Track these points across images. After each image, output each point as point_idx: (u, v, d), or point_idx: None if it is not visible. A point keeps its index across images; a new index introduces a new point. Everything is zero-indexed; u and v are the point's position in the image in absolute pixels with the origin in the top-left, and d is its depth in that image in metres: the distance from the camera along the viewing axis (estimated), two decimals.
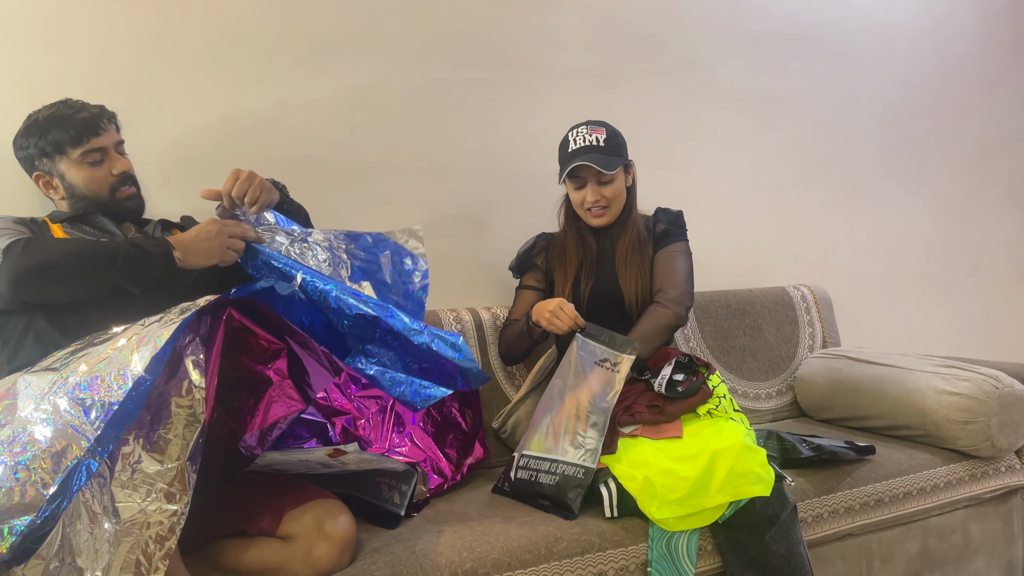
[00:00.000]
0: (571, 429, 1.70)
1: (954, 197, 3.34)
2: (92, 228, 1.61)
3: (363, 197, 2.23)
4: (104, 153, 1.61)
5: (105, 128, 1.62)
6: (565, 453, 1.68)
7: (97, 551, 1.04)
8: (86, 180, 1.60)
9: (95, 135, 1.60)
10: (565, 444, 1.69)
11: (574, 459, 1.66)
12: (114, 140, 1.64)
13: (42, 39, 1.86)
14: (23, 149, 1.62)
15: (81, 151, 1.58)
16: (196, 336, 1.13)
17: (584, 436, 1.68)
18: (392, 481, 1.60)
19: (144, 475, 1.07)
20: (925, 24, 3.25)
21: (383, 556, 1.40)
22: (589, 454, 1.65)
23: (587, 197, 1.97)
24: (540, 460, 1.71)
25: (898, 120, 3.19)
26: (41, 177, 1.62)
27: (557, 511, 1.61)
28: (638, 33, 2.62)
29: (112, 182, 1.62)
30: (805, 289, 2.69)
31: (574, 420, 1.71)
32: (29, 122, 1.61)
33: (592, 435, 1.67)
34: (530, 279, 2.10)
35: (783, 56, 2.91)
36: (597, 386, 1.73)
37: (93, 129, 1.59)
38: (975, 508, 1.98)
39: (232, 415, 1.29)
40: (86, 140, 1.59)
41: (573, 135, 1.98)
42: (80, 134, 1.58)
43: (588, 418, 1.69)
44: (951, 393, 2.00)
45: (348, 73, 2.20)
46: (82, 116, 1.59)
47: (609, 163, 1.92)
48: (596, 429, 1.68)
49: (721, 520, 1.55)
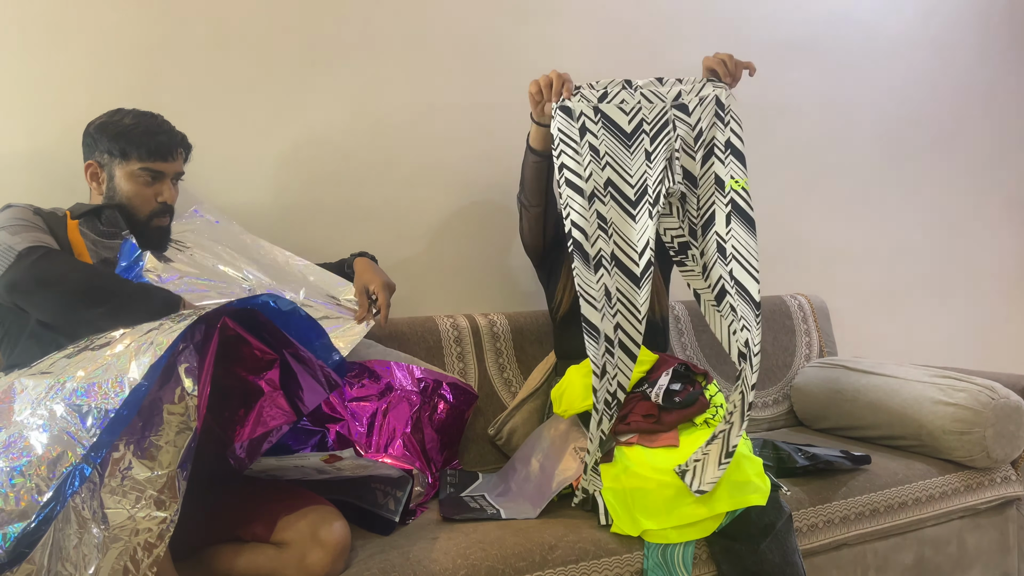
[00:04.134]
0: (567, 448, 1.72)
1: (952, 207, 3.35)
2: (103, 224, 1.62)
3: (361, 202, 2.23)
4: (159, 178, 1.65)
5: (174, 157, 1.67)
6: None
7: (85, 557, 1.04)
8: (132, 194, 1.63)
9: (163, 160, 1.64)
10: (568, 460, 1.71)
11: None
12: (175, 170, 1.68)
13: (42, 41, 1.87)
14: (93, 138, 1.64)
15: (142, 166, 1.62)
16: (190, 343, 1.13)
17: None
18: (387, 487, 1.60)
19: (134, 481, 1.07)
20: (923, 35, 3.26)
21: (377, 563, 1.39)
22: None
23: None
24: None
25: (896, 130, 3.20)
26: (92, 167, 1.65)
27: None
28: (636, 41, 2.63)
29: (154, 208, 1.65)
30: (802, 298, 2.69)
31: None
32: (113, 119, 1.64)
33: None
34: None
35: (782, 66, 2.92)
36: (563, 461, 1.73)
37: (164, 153, 1.64)
38: (971, 519, 1.98)
39: (222, 424, 1.28)
40: (153, 159, 1.63)
41: None
42: (151, 152, 1.62)
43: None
44: (947, 404, 2.00)
45: (346, 79, 2.21)
46: (161, 139, 1.64)
47: None
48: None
49: (717, 529, 1.55)
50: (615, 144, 1.54)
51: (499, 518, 1.63)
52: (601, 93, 1.58)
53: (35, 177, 1.85)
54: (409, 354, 2.01)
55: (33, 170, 1.85)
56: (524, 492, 1.75)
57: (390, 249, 2.26)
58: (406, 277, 2.28)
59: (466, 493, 1.79)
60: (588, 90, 1.58)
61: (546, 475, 1.73)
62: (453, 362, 2.10)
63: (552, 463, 1.75)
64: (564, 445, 1.77)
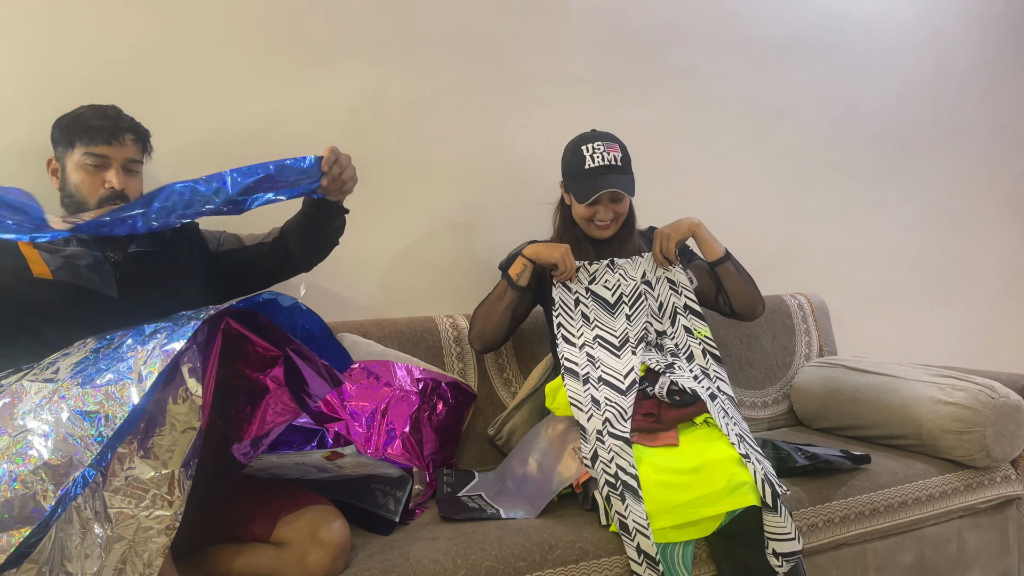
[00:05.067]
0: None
1: (952, 207, 3.35)
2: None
3: (361, 201, 2.22)
4: (106, 163, 1.59)
5: (121, 141, 1.61)
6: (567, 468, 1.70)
7: (88, 556, 1.04)
8: (79, 181, 1.59)
9: (106, 143, 1.59)
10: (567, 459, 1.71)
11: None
12: (125, 156, 1.61)
13: (42, 41, 1.87)
14: (52, 134, 1.64)
15: (85, 151, 1.58)
16: (193, 344, 1.13)
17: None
18: (387, 487, 1.60)
19: (138, 481, 1.07)
20: (923, 35, 3.26)
21: (377, 563, 1.39)
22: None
23: (598, 214, 1.95)
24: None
25: (896, 130, 3.20)
26: (51, 163, 1.65)
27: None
28: (637, 41, 2.63)
29: (101, 194, 1.58)
30: (802, 298, 2.69)
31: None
32: (71, 111, 1.64)
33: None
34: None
35: (782, 65, 2.92)
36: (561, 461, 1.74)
37: (107, 136, 1.59)
38: (970, 518, 1.98)
39: (228, 422, 1.29)
40: (95, 143, 1.58)
41: (588, 152, 1.92)
42: (93, 137, 1.58)
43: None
44: (947, 403, 2.00)
45: (347, 78, 2.21)
46: (104, 123, 1.60)
47: (631, 185, 1.92)
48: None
49: (717, 529, 1.55)
50: (601, 312, 1.93)
51: (498, 517, 1.64)
52: (591, 277, 1.97)
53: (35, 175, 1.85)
54: (408, 354, 2.01)
55: (36, 167, 1.84)
56: (523, 492, 1.75)
57: (388, 248, 2.27)
58: (405, 277, 2.29)
59: (463, 493, 1.80)
60: (583, 272, 1.97)
61: (545, 475, 1.73)
62: (453, 362, 2.11)
63: (551, 463, 1.75)
64: (563, 445, 1.77)
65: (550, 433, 1.83)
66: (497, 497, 1.76)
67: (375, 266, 2.26)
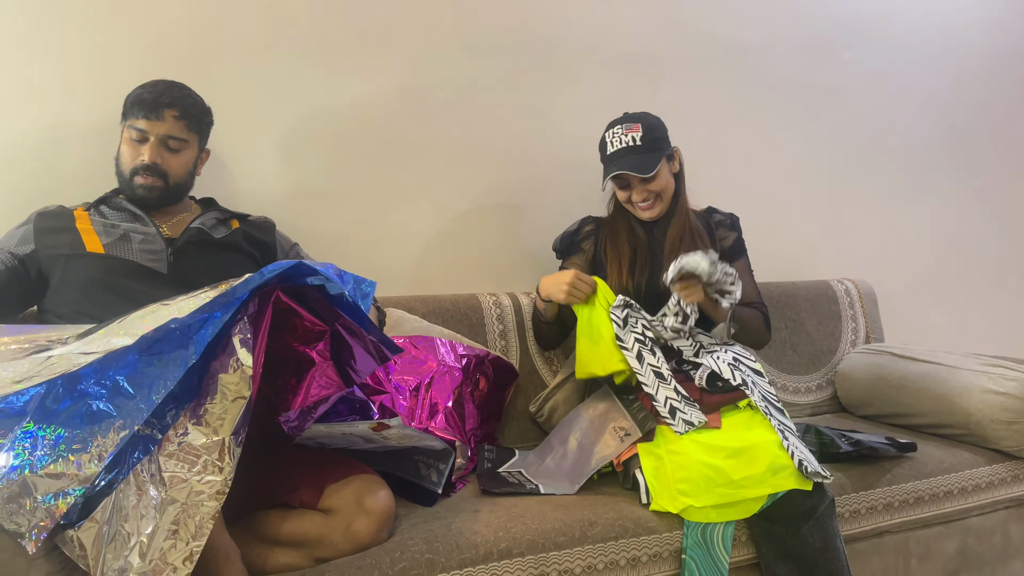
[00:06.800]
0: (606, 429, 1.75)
1: (1007, 193, 3.26)
2: (112, 210, 1.68)
3: (407, 180, 2.25)
4: (144, 137, 1.64)
5: (160, 117, 1.64)
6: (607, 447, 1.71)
7: (143, 516, 1.08)
8: (121, 153, 1.68)
9: (146, 118, 1.63)
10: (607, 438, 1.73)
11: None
12: (162, 131, 1.64)
13: (91, 18, 1.91)
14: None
15: (128, 124, 1.65)
16: (244, 315, 1.16)
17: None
18: (430, 459, 1.62)
19: (190, 447, 1.10)
20: (978, 15, 3.17)
21: (420, 532, 1.42)
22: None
23: (633, 196, 1.96)
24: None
25: (950, 112, 3.12)
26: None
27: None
28: (685, 21, 2.60)
29: (134, 166, 1.64)
30: (849, 283, 2.65)
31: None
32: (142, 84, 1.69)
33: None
34: (573, 263, 2.08)
35: (833, 46, 2.86)
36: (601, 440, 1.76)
37: (146, 111, 1.63)
38: (1016, 509, 1.95)
39: (275, 392, 1.32)
40: (135, 117, 1.64)
41: (610, 136, 1.95)
42: (136, 111, 1.64)
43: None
44: (997, 392, 1.96)
45: (394, 61, 2.22)
46: (146, 96, 1.64)
47: (647, 164, 1.90)
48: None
49: (758, 511, 1.55)
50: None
51: (537, 493, 1.65)
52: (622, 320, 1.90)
53: (95, 148, 1.90)
54: (452, 331, 2.03)
55: (97, 141, 1.90)
56: (562, 469, 1.76)
57: (432, 226, 2.29)
58: (448, 255, 2.30)
59: (503, 469, 1.82)
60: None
61: (584, 453, 1.75)
62: (495, 340, 2.12)
63: (591, 442, 1.76)
64: (603, 425, 1.78)
65: (592, 413, 1.84)
66: (537, 474, 1.78)
67: (418, 243, 2.28)
